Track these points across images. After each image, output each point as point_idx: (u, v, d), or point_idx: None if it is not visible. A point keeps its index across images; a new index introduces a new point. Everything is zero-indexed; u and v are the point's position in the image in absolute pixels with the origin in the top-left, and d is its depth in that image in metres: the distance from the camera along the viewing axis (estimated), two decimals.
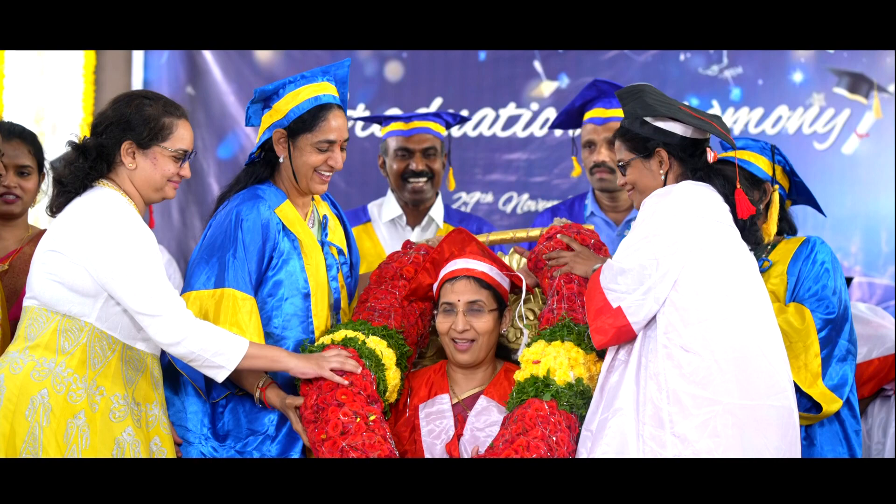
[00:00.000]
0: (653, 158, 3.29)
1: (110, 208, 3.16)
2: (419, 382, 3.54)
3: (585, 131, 4.23)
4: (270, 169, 3.56)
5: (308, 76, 3.49)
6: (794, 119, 6.00)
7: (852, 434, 3.68)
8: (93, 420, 3.11)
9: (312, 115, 3.45)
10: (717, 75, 6.05)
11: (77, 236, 3.13)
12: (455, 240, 3.59)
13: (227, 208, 3.46)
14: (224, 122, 6.25)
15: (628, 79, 6.09)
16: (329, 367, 3.26)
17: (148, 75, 6.29)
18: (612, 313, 3.13)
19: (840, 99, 5.98)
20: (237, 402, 3.45)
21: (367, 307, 3.57)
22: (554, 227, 3.65)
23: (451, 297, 3.46)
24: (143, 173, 3.23)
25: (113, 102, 3.27)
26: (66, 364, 3.11)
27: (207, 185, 6.23)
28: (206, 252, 3.41)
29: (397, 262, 3.67)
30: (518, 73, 6.04)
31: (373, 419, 3.18)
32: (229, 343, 3.18)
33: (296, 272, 3.46)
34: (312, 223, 3.59)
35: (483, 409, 3.43)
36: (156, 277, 3.13)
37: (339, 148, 3.48)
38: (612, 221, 4.23)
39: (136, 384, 3.23)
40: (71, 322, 3.14)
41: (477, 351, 3.45)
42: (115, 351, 3.18)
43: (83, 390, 3.11)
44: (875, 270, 5.85)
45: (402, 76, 6.21)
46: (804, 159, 5.79)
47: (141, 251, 3.13)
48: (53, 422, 3.07)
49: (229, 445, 3.43)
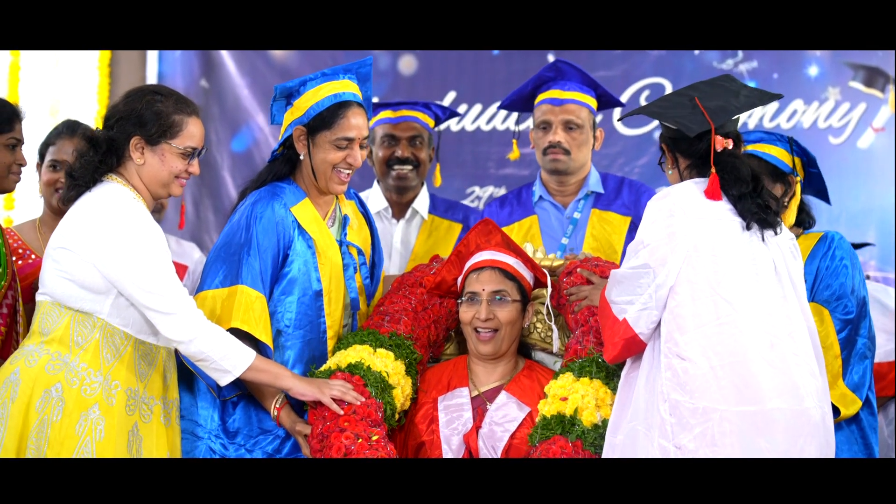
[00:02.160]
0: (666, 157, 3.27)
1: (118, 205, 3.16)
2: (439, 375, 3.55)
3: (540, 112, 4.10)
4: (291, 166, 3.55)
5: (329, 73, 3.47)
6: (809, 113, 5.98)
7: (870, 432, 3.64)
8: (109, 413, 3.13)
9: (332, 113, 3.44)
10: (731, 69, 6.03)
11: (86, 234, 3.13)
12: (482, 231, 3.60)
13: (243, 206, 3.46)
14: (238, 116, 6.27)
15: (642, 73, 6.10)
16: (329, 395, 3.27)
17: (162, 69, 6.31)
18: (619, 326, 3.09)
19: (856, 93, 5.96)
20: (249, 401, 3.45)
21: (378, 311, 3.58)
22: (573, 262, 3.63)
23: (475, 287, 3.47)
24: (151, 169, 3.23)
25: (125, 97, 3.28)
26: (81, 359, 3.13)
27: (221, 179, 6.24)
28: (222, 251, 3.42)
29: (420, 272, 3.69)
30: (531, 67, 5.99)
31: (375, 439, 3.19)
32: (237, 350, 3.19)
33: (309, 271, 3.46)
34: (333, 222, 3.58)
35: (503, 405, 3.43)
36: (165, 275, 3.14)
37: (359, 146, 3.47)
38: (560, 205, 4.15)
39: (150, 378, 3.24)
40: (84, 317, 3.15)
41: (499, 342, 3.46)
42: (128, 345, 3.19)
43: (98, 384, 3.12)
44: (889, 264, 5.83)
45: (415, 70, 6.22)
46: (819, 153, 5.65)
47: (149, 248, 3.13)
48: (65, 417, 3.09)
49: (239, 443, 3.43)
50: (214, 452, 3.42)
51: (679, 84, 6.05)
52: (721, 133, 3.13)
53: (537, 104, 4.13)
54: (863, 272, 3.72)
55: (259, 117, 6.22)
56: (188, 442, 3.43)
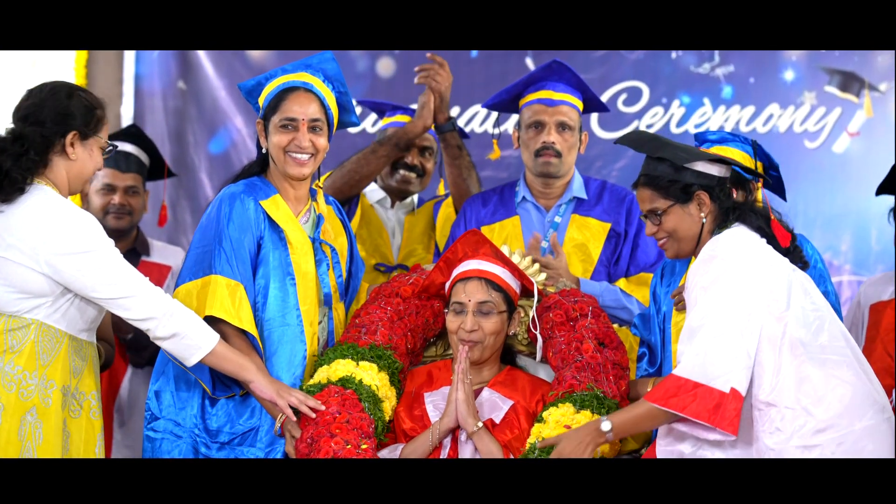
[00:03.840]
0: (692, 203, 3.24)
1: (57, 208, 3.15)
2: (424, 374, 3.58)
3: (532, 111, 4.06)
4: (264, 165, 3.61)
5: (289, 69, 3.55)
6: (785, 117, 6.00)
7: None
8: (45, 415, 3.13)
9: (278, 99, 3.52)
10: (708, 73, 6.06)
11: (31, 241, 3.11)
12: (469, 241, 3.62)
13: (213, 202, 3.51)
14: (216, 117, 6.24)
15: (620, 76, 6.11)
16: (287, 400, 3.29)
17: (139, 69, 6.27)
18: (731, 399, 2.94)
19: (831, 97, 5.99)
20: (230, 399, 3.46)
21: (355, 324, 3.59)
22: (552, 296, 3.63)
23: (461, 297, 3.49)
24: (79, 165, 3.23)
25: (45, 93, 3.24)
26: (15, 362, 3.12)
27: (199, 181, 6.22)
28: (195, 247, 3.45)
29: (397, 282, 3.70)
30: (510, 69, 6.02)
31: (364, 447, 3.20)
32: (205, 328, 3.25)
33: (282, 260, 3.48)
34: (306, 220, 3.60)
35: (486, 399, 3.46)
36: (115, 263, 3.16)
37: (307, 128, 3.49)
38: (542, 207, 4.14)
39: (82, 374, 3.25)
40: (17, 321, 3.14)
41: (482, 350, 3.49)
42: (62, 343, 3.19)
43: (34, 386, 3.13)
44: (865, 269, 5.86)
45: (393, 72, 6.20)
46: (795, 158, 5.81)
47: (93, 244, 3.15)
48: (5, 421, 3.09)
49: (221, 441, 3.43)
50: (198, 453, 3.42)
51: (657, 87, 6.08)
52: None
53: (527, 103, 4.09)
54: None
55: (237, 119, 6.20)
56: (168, 442, 3.43)
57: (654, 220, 3.28)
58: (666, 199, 3.25)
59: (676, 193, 3.23)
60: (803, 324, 3.05)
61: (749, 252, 3.12)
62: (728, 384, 2.94)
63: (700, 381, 2.95)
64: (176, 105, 6.24)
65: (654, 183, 3.25)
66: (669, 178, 3.23)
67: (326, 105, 3.55)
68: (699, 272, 3.12)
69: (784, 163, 3.79)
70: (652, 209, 3.27)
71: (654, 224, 3.29)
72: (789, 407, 2.98)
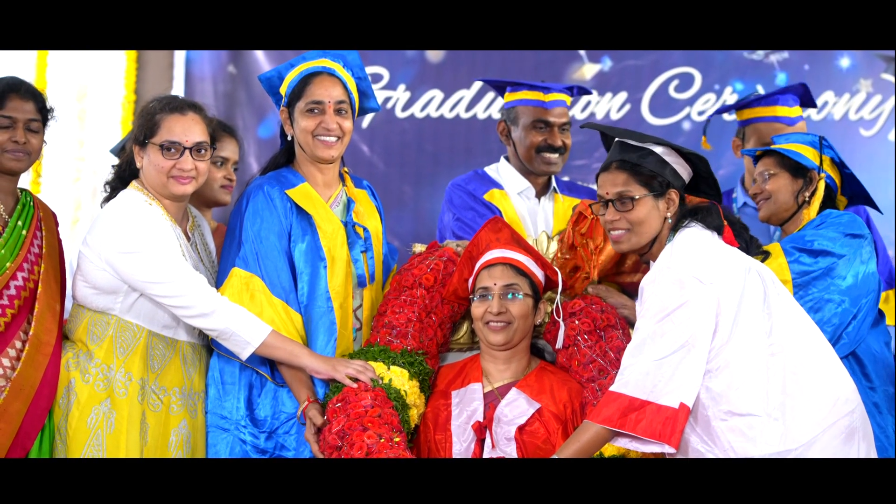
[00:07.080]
0: (662, 199, 3.17)
1: (124, 209, 3.32)
2: (454, 372, 3.56)
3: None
4: (291, 155, 3.65)
5: (309, 56, 3.58)
6: (840, 105, 5.92)
7: (882, 432, 3.63)
8: (118, 405, 3.28)
9: (303, 84, 3.54)
10: (762, 59, 5.98)
11: (98, 239, 3.30)
12: (491, 229, 3.61)
13: (240, 197, 3.56)
14: (265, 102, 6.26)
15: (672, 62, 6.05)
16: (345, 372, 3.33)
17: (190, 54, 6.31)
18: (680, 413, 2.93)
19: (888, 85, 5.91)
20: (274, 389, 3.49)
21: (383, 324, 3.55)
22: (576, 301, 3.57)
23: (487, 282, 3.48)
24: (148, 171, 3.36)
25: None
26: (95, 355, 3.29)
27: (248, 165, 6.22)
28: (224, 244, 3.53)
29: (417, 270, 3.64)
30: (560, 55, 6.00)
31: (397, 440, 3.20)
32: (255, 321, 3.32)
33: (312, 246, 3.51)
34: (337, 204, 3.62)
35: (513, 401, 3.43)
36: (168, 263, 3.26)
37: (333, 111, 3.51)
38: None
39: (164, 369, 3.35)
40: (99, 316, 3.32)
41: (511, 332, 3.45)
42: (140, 337, 3.33)
43: (110, 378, 3.28)
44: None
45: (443, 57, 6.19)
46: (850, 146, 5.73)
47: (150, 244, 3.26)
48: (76, 410, 3.25)
49: (266, 431, 3.45)
50: (245, 443, 3.44)
51: (710, 74, 6.01)
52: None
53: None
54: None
55: None
56: (215, 435, 3.47)
57: (623, 205, 3.16)
58: (643, 187, 3.16)
59: (654, 186, 3.16)
60: (762, 326, 3.02)
61: (704, 262, 3.04)
62: (677, 399, 2.92)
63: (648, 399, 2.93)
64: (226, 89, 6.27)
65: (634, 170, 3.16)
66: (652, 170, 3.16)
67: (349, 89, 3.58)
68: (653, 281, 3.06)
69: (838, 151, 3.74)
70: (625, 193, 3.16)
71: (618, 210, 3.17)
72: (756, 415, 2.94)
